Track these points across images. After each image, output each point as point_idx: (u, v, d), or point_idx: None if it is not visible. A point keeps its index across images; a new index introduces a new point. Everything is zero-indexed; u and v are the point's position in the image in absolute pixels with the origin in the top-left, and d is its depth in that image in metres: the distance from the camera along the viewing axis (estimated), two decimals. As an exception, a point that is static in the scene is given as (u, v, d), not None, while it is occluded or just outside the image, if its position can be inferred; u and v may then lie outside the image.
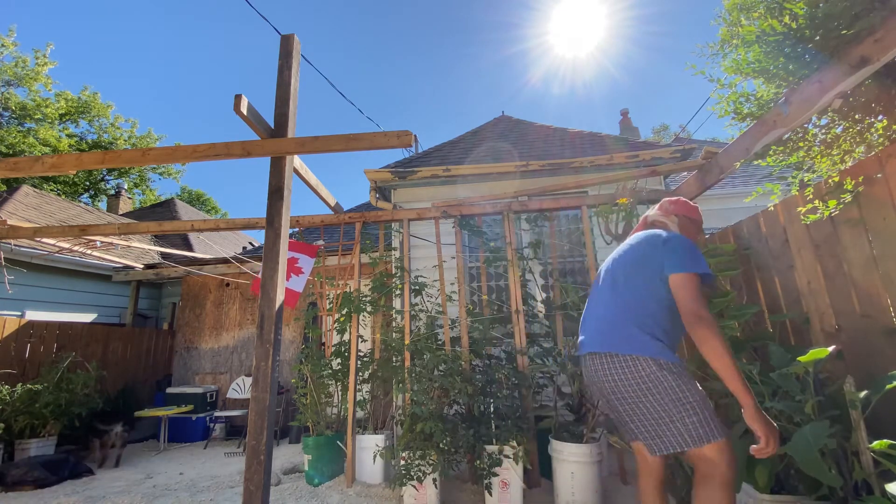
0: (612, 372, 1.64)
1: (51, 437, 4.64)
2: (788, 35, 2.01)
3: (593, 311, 1.90)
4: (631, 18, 25.26)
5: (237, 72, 46.41)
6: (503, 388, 3.33)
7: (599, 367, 1.70)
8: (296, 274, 3.93)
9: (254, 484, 2.13)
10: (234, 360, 7.08)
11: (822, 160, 2.28)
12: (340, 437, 3.69)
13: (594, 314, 1.87)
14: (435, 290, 4.46)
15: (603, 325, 1.77)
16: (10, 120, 15.71)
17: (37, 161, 2.68)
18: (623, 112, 10.74)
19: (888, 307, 1.86)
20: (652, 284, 1.71)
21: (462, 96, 57.73)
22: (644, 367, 1.58)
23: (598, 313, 1.84)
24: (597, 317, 1.84)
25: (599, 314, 1.83)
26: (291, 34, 2.73)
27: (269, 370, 2.25)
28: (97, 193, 20.59)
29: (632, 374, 1.59)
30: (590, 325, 1.86)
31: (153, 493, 3.63)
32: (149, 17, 35.45)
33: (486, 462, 2.90)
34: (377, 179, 4.98)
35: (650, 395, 1.56)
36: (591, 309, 1.92)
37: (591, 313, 1.90)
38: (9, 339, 5.27)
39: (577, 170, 4.85)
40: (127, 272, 7.53)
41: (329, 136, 2.44)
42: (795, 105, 2.09)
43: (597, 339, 1.77)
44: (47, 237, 4.95)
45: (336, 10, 41.40)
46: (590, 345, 1.78)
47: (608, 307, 1.80)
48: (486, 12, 37.65)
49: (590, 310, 1.93)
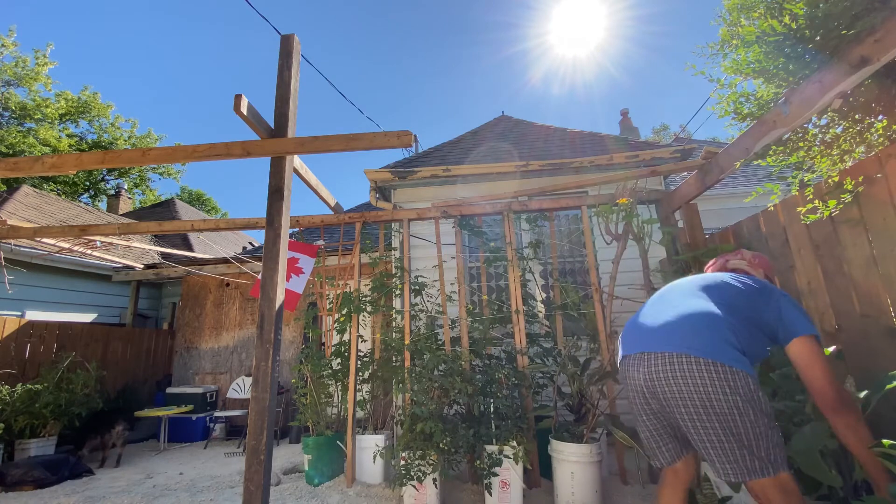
0: (706, 380, 1.40)
1: (51, 437, 4.64)
2: (788, 35, 2.01)
3: (663, 312, 1.66)
4: (631, 18, 25.25)
5: (237, 72, 46.42)
6: (503, 388, 3.33)
7: (681, 372, 1.45)
8: (296, 274, 3.92)
9: (254, 484, 2.13)
10: (234, 360, 7.08)
11: (822, 160, 2.28)
12: (340, 437, 3.69)
13: (666, 314, 1.63)
14: (435, 290, 4.46)
15: (687, 327, 1.54)
16: (10, 120, 15.72)
17: (37, 161, 2.68)
18: (623, 112, 10.75)
19: (888, 307, 1.86)
20: (755, 326, 1.55)
21: (462, 96, 57.73)
22: (744, 382, 1.39)
23: (677, 314, 1.60)
24: (674, 317, 1.59)
25: (679, 315, 1.59)
26: (291, 34, 2.73)
27: (269, 370, 2.25)
28: (97, 193, 20.59)
29: (731, 386, 1.38)
30: (658, 325, 1.61)
31: (153, 493, 3.63)
32: (149, 18, 35.46)
33: (486, 462, 2.90)
34: (377, 179, 4.98)
35: (745, 413, 1.37)
36: (659, 311, 1.68)
37: (661, 313, 1.66)
38: (9, 339, 5.27)
39: (577, 170, 4.85)
40: (127, 272, 7.53)
41: (329, 136, 2.44)
42: (795, 105, 2.09)
43: (677, 339, 1.52)
44: (47, 237, 4.95)
45: (336, 10, 41.40)
46: (663, 343, 1.53)
47: (694, 311, 1.57)
48: (486, 12, 37.65)
49: (655, 312, 1.69)
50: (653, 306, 1.75)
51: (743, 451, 1.37)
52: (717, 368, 1.41)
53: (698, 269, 3.12)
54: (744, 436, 1.37)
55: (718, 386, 1.39)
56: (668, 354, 1.50)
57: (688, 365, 1.44)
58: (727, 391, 1.38)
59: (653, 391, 1.54)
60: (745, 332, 1.52)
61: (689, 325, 1.54)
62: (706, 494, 2.05)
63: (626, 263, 3.80)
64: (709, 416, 1.40)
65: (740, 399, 1.37)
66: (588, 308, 3.63)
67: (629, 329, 1.75)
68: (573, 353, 3.43)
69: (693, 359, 1.44)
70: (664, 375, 1.49)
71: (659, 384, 1.50)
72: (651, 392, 1.55)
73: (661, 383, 1.50)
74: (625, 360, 1.67)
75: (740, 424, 1.37)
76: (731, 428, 1.38)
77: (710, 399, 1.39)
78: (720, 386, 1.39)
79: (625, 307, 4.08)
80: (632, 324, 1.76)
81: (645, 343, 1.61)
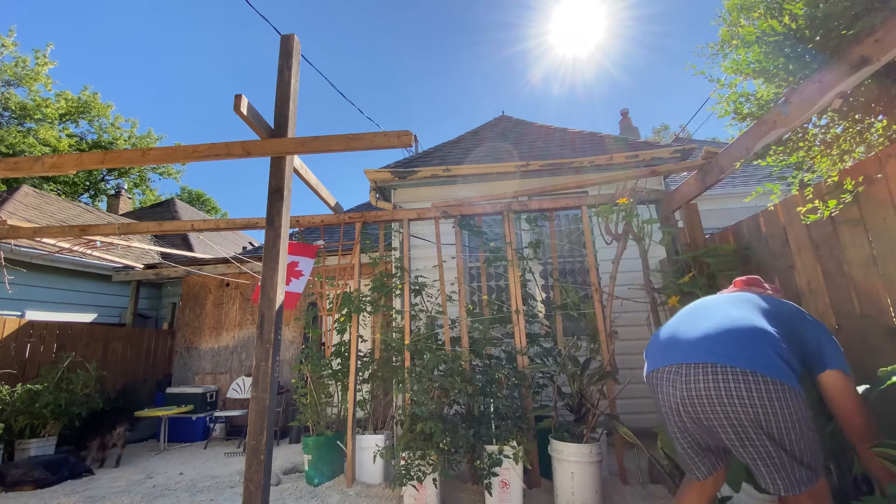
0: (755, 398, 1.32)
1: (51, 437, 4.64)
2: (788, 35, 2.01)
3: (701, 321, 1.56)
4: (631, 18, 25.24)
5: (237, 72, 46.41)
6: (503, 388, 3.33)
7: (726, 386, 1.35)
8: (296, 277, 3.92)
9: (254, 484, 2.13)
10: (234, 360, 7.08)
11: (822, 160, 2.28)
12: (340, 437, 3.69)
13: (706, 324, 1.53)
14: (435, 290, 4.46)
15: (732, 337, 1.45)
16: (10, 120, 15.72)
17: (37, 161, 2.68)
18: (623, 112, 10.75)
19: (888, 307, 1.86)
20: (794, 344, 1.48)
21: (462, 96, 57.72)
22: (795, 400, 1.33)
23: (719, 324, 1.50)
24: (717, 327, 1.50)
25: (722, 324, 1.50)
26: (291, 34, 2.73)
27: (269, 370, 2.26)
28: (97, 193, 20.59)
29: (782, 405, 1.31)
30: (698, 335, 1.51)
31: (153, 493, 3.63)
32: (149, 18, 35.46)
33: (486, 462, 2.90)
34: (377, 179, 4.98)
35: (795, 429, 1.32)
36: (697, 321, 1.58)
37: (698, 322, 1.56)
38: (9, 339, 5.27)
39: (577, 170, 4.85)
40: (127, 272, 7.53)
41: (329, 136, 2.44)
42: (795, 105, 2.09)
43: (721, 349, 1.42)
44: (47, 237, 4.95)
45: (336, 10, 41.40)
46: (705, 353, 1.43)
47: (739, 320, 1.50)
48: (486, 12, 37.63)
49: (692, 321, 1.60)
50: (688, 316, 1.65)
51: (794, 464, 1.33)
52: (769, 385, 1.32)
53: (698, 269, 3.12)
54: (796, 450, 1.33)
55: (769, 404, 1.31)
56: (712, 366, 1.38)
57: (733, 378, 1.35)
58: (778, 409, 1.31)
59: (690, 409, 1.42)
60: (788, 346, 1.45)
61: (734, 336, 1.45)
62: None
63: (626, 263, 3.80)
64: (758, 434, 1.33)
65: (792, 416, 1.32)
66: (588, 308, 3.63)
67: (659, 341, 1.63)
68: (573, 353, 3.43)
69: (740, 372, 1.35)
70: (706, 391, 1.37)
71: (700, 401, 1.39)
72: (687, 411, 1.43)
73: (703, 400, 1.38)
74: (656, 374, 1.54)
75: (793, 440, 1.32)
76: (784, 444, 1.33)
77: (760, 417, 1.32)
78: (772, 404, 1.31)
79: (625, 307, 4.08)
80: (663, 336, 1.64)
81: (681, 354, 1.48)
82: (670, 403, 1.48)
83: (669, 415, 1.51)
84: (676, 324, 1.64)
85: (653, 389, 1.57)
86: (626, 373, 3.68)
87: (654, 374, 1.55)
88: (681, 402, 1.44)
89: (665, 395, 1.49)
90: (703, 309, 1.65)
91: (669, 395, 1.48)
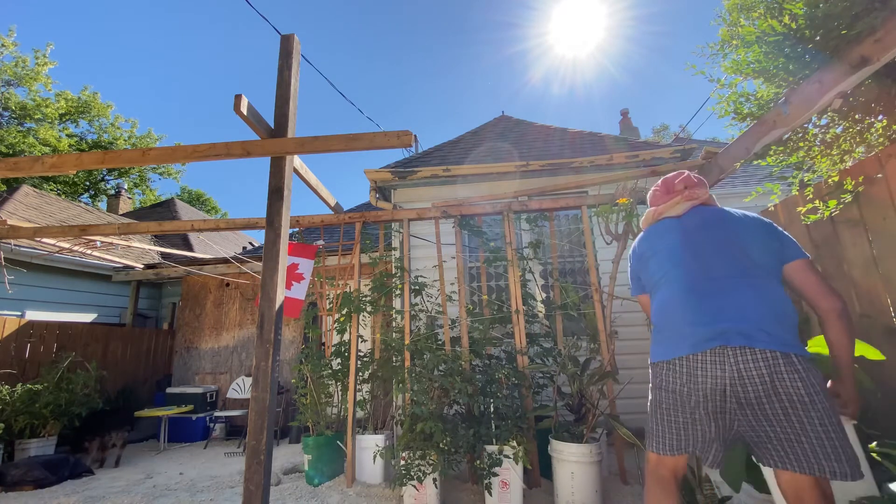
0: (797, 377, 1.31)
1: (51, 437, 4.64)
2: (788, 35, 2.01)
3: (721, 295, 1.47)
4: (631, 18, 25.26)
5: (237, 72, 46.43)
6: (503, 388, 3.33)
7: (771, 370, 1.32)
8: (297, 281, 3.91)
9: (254, 484, 2.13)
10: (234, 360, 7.08)
11: (822, 160, 2.28)
12: (340, 437, 3.69)
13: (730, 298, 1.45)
14: (435, 290, 4.46)
15: (758, 315, 1.39)
16: (10, 120, 15.72)
17: (37, 161, 2.68)
18: (623, 112, 10.76)
19: (888, 307, 1.86)
20: (778, 276, 1.50)
21: (462, 96, 57.74)
22: (815, 372, 1.34)
23: (742, 298, 1.44)
24: (742, 302, 1.43)
25: (745, 300, 1.43)
26: (291, 34, 2.73)
27: (269, 370, 2.25)
28: (97, 193, 20.59)
29: (812, 380, 1.31)
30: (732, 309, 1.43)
31: (153, 493, 3.63)
32: (149, 17, 35.46)
33: (486, 462, 2.90)
34: (377, 179, 4.98)
35: (820, 402, 1.30)
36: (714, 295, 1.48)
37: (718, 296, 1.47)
38: (9, 339, 5.27)
39: (577, 170, 4.84)
40: (127, 272, 7.53)
41: (329, 136, 2.44)
42: (795, 105, 2.09)
43: (756, 330, 1.37)
44: (47, 237, 4.95)
45: (336, 10, 41.41)
46: (750, 337, 1.36)
47: (754, 293, 1.44)
48: (486, 12, 37.66)
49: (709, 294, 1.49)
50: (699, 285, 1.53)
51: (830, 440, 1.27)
52: (800, 361, 1.33)
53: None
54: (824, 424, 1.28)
55: (805, 380, 1.31)
56: (762, 352, 1.34)
57: (773, 359, 1.33)
58: (810, 384, 1.31)
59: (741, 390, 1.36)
60: (787, 298, 1.45)
61: (761, 315, 1.39)
62: (706, 495, 2.05)
63: (626, 263, 3.79)
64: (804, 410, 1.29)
65: (817, 389, 1.31)
66: (588, 308, 3.63)
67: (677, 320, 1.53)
68: (573, 353, 3.43)
69: (782, 355, 1.33)
70: (757, 371, 1.33)
71: (752, 383, 1.34)
72: (735, 391, 1.37)
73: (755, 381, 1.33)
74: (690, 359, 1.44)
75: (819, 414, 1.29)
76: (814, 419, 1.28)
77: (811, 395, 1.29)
78: (806, 380, 1.31)
79: (625, 307, 4.08)
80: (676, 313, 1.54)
81: (718, 336, 1.40)
82: (713, 386, 1.40)
83: (697, 399, 1.43)
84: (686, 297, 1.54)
85: (684, 375, 1.46)
86: (626, 373, 3.69)
87: (689, 361, 1.45)
88: (730, 383, 1.37)
89: (705, 377, 1.41)
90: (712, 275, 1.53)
91: (713, 377, 1.40)
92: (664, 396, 1.51)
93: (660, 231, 1.76)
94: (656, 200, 1.86)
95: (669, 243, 1.68)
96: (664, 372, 1.52)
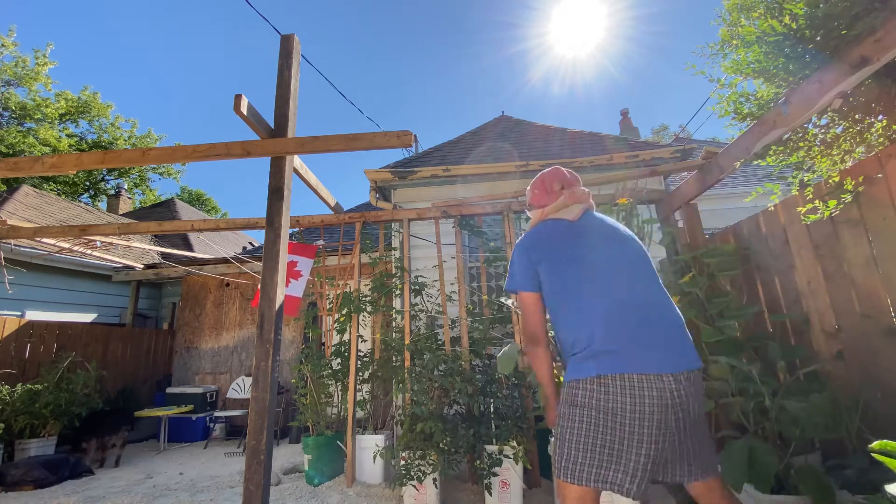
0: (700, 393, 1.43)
1: (51, 437, 4.64)
2: (788, 35, 2.01)
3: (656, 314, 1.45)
4: (631, 18, 25.26)
5: (237, 72, 46.41)
6: (503, 388, 3.33)
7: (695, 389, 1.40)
8: (295, 278, 3.91)
9: (254, 484, 2.13)
10: (234, 360, 7.08)
11: (822, 160, 2.28)
12: (340, 437, 3.69)
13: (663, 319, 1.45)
14: (435, 290, 4.46)
15: (680, 331, 1.45)
16: (10, 120, 15.71)
17: (37, 161, 2.68)
18: (623, 112, 10.75)
19: (888, 307, 1.86)
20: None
21: (462, 96, 57.75)
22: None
23: (666, 315, 1.46)
24: (669, 321, 1.45)
25: (669, 317, 1.46)
26: (291, 34, 2.73)
27: (269, 370, 2.26)
28: (97, 193, 20.59)
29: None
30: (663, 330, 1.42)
31: (153, 493, 3.63)
32: (149, 17, 35.46)
33: (486, 462, 2.90)
34: (377, 179, 4.98)
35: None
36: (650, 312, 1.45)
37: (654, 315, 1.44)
38: (9, 339, 5.27)
39: (577, 170, 4.84)
40: (127, 272, 7.53)
41: (329, 136, 2.44)
42: (795, 105, 2.09)
43: (688, 351, 1.43)
44: (47, 237, 4.95)
45: (336, 10, 41.42)
46: (688, 360, 1.40)
47: (667, 307, 1.49)
48: (486, 12, 37.67)
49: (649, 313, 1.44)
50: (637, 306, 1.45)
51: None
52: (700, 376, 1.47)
53: (698, 269, 3.12)
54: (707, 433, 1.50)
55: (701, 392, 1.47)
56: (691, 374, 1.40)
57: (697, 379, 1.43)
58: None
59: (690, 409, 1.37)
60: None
61: (681, 330, 1.47)
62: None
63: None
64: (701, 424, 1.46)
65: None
66: (588, 308, 3.62)
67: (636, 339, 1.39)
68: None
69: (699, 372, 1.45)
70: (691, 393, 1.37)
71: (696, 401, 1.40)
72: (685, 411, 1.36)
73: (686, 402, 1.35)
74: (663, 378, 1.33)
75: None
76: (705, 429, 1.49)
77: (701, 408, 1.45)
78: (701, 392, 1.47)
79: (625, 307, 4.07)
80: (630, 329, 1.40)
81: (678, 359, 1.38)
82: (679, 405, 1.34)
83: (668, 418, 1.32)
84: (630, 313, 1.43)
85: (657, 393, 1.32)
86: (626, 373, 3.66)
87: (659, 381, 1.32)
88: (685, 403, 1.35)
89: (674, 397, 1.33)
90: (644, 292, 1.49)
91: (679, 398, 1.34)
92: (595, 416, 1.37)
93: (559, 233, 1.63)
94: (539, 201, 1.78)
95: (580, 253, 1.56)
96: (600, 388, 1.36)
